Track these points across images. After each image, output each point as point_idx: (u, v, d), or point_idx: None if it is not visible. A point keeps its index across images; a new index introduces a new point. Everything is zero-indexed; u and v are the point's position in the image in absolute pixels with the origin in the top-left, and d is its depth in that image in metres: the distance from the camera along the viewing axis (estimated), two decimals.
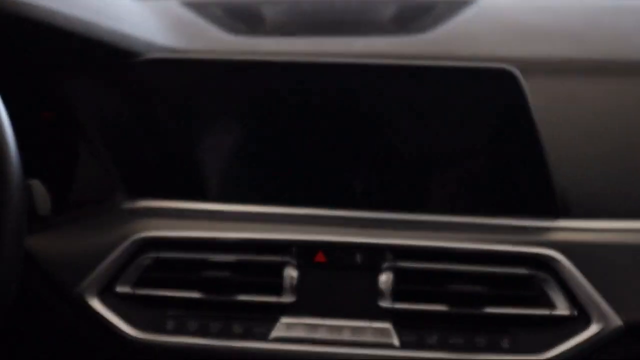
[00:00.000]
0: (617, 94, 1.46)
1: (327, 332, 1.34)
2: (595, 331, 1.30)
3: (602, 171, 1.48)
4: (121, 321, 1.35)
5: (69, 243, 1.40)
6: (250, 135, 1.48)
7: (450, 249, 1.36)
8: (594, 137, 1.48)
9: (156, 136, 1.49)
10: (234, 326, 1.35)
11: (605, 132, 1.48)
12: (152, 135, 1.49)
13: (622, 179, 1.47)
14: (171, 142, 1.48)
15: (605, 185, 1.46)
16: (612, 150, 1.50)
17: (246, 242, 1.38)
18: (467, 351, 1.31)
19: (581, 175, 1.46)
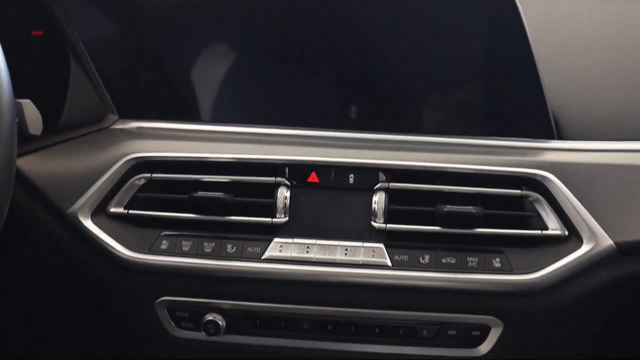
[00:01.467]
0: (613, 14, 1.45)
1: (320, 252, 1.34)
2: (586, 251, 1.31)
3: (595, 93, 1.48)
4: (114, 242, 1.36)
5: (62, 164, 1.39)
6: (242, 56, 1.47)
7: (443, 170, 1.36)
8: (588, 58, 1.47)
9: (147, 56, 1.48)
10: (227, 246, 1.35)
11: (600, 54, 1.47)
12: (143, 56, 1.47)
13: (616, 100, 1.47)
14: (162, 62, 1.47)
15: (599, 107, 1.46)
16: (607, 71, 1.49)
17: (239, 162, 1.37)
18: (459, 271, 1.32)
19: (575, 97, 1.45)
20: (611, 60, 1.50)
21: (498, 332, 1.36)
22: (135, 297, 1.39)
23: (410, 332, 1.37)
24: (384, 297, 1.35)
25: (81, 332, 1.57)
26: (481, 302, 1.34)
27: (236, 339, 1.39)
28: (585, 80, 1.49)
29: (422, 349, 1.38)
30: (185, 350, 1.42)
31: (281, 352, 1.40)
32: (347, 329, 1.38)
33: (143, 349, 1.48)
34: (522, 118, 1.43)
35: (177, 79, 1.49)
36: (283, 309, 1.37)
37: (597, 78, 1.50)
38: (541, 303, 1.33)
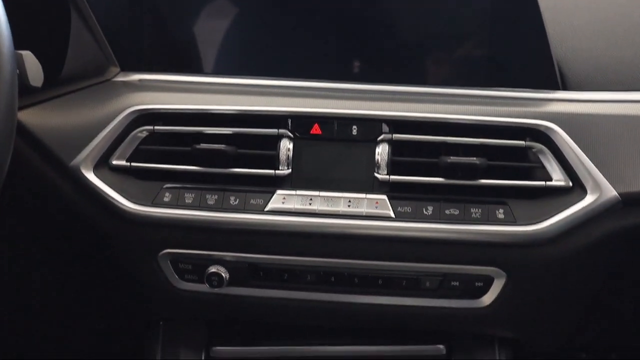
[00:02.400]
0: None
1: (323, 203, 1.34)
2: (589, 202, 1.31)
3: (601, 42, 1.46)
4: (117, 194, 1.35)
5: (63, 117, 1.39)
6: (245, 7, 1.46)
7: (446, 121, 1.35)
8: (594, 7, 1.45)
9: (149, 8, 1.46)
10: (230, 198, 1.35)
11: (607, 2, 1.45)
12: (144, 7, 1.46)
13: (621, 50, 1.46)
14: (164, 14, 1.46)
15: (604, 57, 1.45)
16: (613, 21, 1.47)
17: (242, 114, 1.37)
18: (462, 222, 1.32)
19: (580, 47, 1.44)
20: (618, 9, 1.49)
21: (501, 283, 1.36)
22: (138, 250, 1.40)
23: (413, 283, 1.37)
24: (387, 248, 1.35)
25: (84, 286, 1.58)
26: (484, 254, 1.34)
27: (239, 291, 1.40)
28: (591, 30, 1.48)
29: (425, 300, 1.38)
30: (188, 302, 1.42)
31: (284, 303, 1.40)
32: (350, 281, 1.38)
33: (147, 302, 1.48)
34: (526, 68, 1.42)
35: (179, 30, 1.48)
36: (286, 261, 1.37)
37: (603, 28, 1.48)
38: (544, 254, 1.33)
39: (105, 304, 1.58)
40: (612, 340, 1.78)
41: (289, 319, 1.45)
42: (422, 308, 1.39)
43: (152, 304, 1.47)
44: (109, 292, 1.54)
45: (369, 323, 1.44)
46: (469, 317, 1.39)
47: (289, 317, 1.44)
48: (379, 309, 1.39)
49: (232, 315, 1.45)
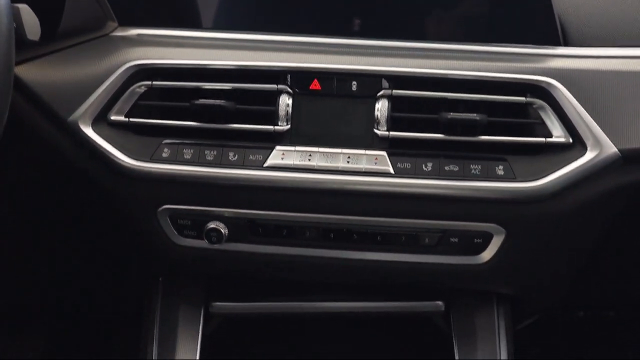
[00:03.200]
0: None
1: (322, 159, 1.34)
2: (590, 158, 1.30)
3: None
4: (116, 150, 1.35)
5: (61, 72, 1.38)
6: None
7: (446, 77, 1.34)
8: None
9: None
10: (229, 154, 1.35)
11: None
12: None
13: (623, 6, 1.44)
14: None
15: (606, 13, 1.43)
16: None
17: (240, 69, 1.36)
18: (462, 178, 1.32)
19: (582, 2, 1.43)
20: None
21: (500, 239, 1.36)
22: (137, 206, 1.39)
23: (412, 239, 1.37)
24: (386, 204, 1.34)
25: (83, 242, 1.58)
26: (483, 210, 1.34)
27: (238, 247, 1.40)
28: None
29: (423, 257, 1.39)
30: (188, 258, 1.42)
31: (283, 259, 1.40)
32: (349, 237, 1.38)
33: (146, 258, 1.48)
34: (528, 24, 1.41)
35: None
36: (285, 217, 1.37)
37: None
38: (544, 210, 1.33)
39: (104, 261, 1.58)
40: (610, 298, 1.79)
41: (288, 275, 1.45)
42: (421, 264, 1.39)
43: (152, 259, 1.47)
44: (108, 248, 1.54)
45: (367, 279, 1.44)
46: (468, 273, 1.39)
47: (288, 273, 1.44)
48: (378, 265, 1.39)
49: (231, 271, 1.46)
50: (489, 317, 1.45)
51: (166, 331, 1.45)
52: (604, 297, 1.74)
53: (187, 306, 1.47)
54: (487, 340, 1.43)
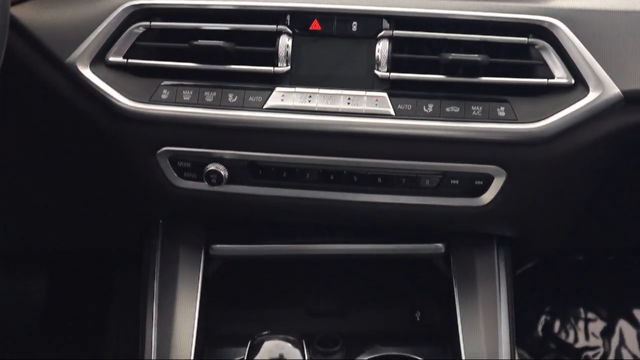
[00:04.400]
0: None
1: (322, 101, 1.33)
2: (592, 99, 1.29)
3: None
4: (114, 91, 1.34)
5: (58, 13, 1.36)
6: None
7: (448, 17, 1.33)
8: None
9: None
10: (229, 96, 1.34)
11: None
12: None
13: None
14: None
15: None
16: None
17: (240, 9, 1.34)
18: (463, 120, 1.31)
19: None
20: None
21: (501, 181, 1.36)
22: (136, 148, 1.39)
23: (412, 181, 1.37)
24: (387, 146, 1.34)
25: (84, 185, 1.58)
26: (484, 152, 1.33)
27: (239, 189, 1.39)
28: None
29: (424, 199, 1.38)
30: (187, 200, 1.42)
31: (283, 202, 1.40)
32: (349, 179, 1.37)
33: (146, 200, 1.48)
34: None
35: None
36: (285, 159, 1.36)
37: None
38: (545, 152, 1.32)
39: (104, 204, 1.58)
40: (610, 242, 1.79)
41: (288, 217, 1.45)
42: (422, 206, 1.39)
43: (152, 202, 1.47)
44: (108, 191, 1.54)
45: (368, 221, 1.44)
46: (468, 215, 1.39)
47: (289, 216, 1.44)
48: (378, 207, 1.39)
49: (231, 213, 1.46)
50: (489, 260, 1.45)
51: (167, 273, 1.45)
52: (604, 240, 1.75)
53: (188, 248, 1.47)
54: (486, 282, 1.44)
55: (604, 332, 2.17)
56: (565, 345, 2.15)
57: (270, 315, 1.54)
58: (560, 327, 2.18)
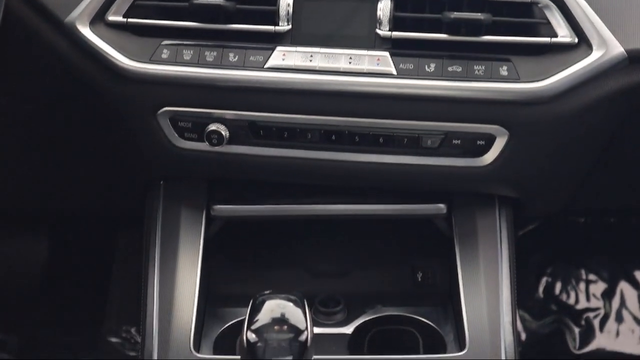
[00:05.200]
0: None
1: (323, 60, 1.32)
2: (595, 58, 1.29)
3: None
4: (114, 51, 1.34)
5: None
6: None
7: None
8: None
9: None
10: (229, 55, 1.33)
11: None
12: None
13: None
14: None
15: None
16: None
17: None
18: (465, 79, 1.30)
19: None
20: None
21: (503, 141, 1.35)
22: (137, 108, 1.39)
23: (414, 141, 1.36)
24: (389, 106, 1.33)
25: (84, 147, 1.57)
26: (487, 111, 1.32)
27: (240, 150, 1.39)
28: None
29: (426, 159, 1.38)
30: (189, 161, 1.42)
31: (285, 162, 1.40)
32: (350, 139, 1.37)
33: (147, 161, 1.48)
34: None
35: None
36: (286, 119, 1.36)
37: None
38: (548, 112, 1.32)
39: (105, 164, 1.58)
40: (612, 202, 1.79)
41: (290, 177, 1.45)
42: (423, 167, 1.38)
43: (153, 163, 1.47)
44: (108, 152, 1.54)
45: (369, 182, 1.44)
46: (470, 175, 1.39)
47: (290, 176, 1.44)
48: (380, 167, 1.39)
49: (232, 174, 1.45)
50: (490, 220, 1.45)
51: (168, 234, 1.45)
52: (606, 201, 1.74)
53: (189, 209, 1.47)
54: (488, 242, 1.43)
55: (605, 293, 2.17)
56: (566, 307, 2.15)
57: (272, 276, 1.54)
58: (562, 289, 2.18)
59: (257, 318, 1.06)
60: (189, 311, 1.37)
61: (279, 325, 1.05)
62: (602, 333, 2.12)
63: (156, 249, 1.43)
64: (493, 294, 1.38)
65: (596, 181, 1.57)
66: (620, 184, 1.65)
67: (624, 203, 1.81)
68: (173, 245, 1.44)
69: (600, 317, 2.14)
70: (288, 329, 1.05)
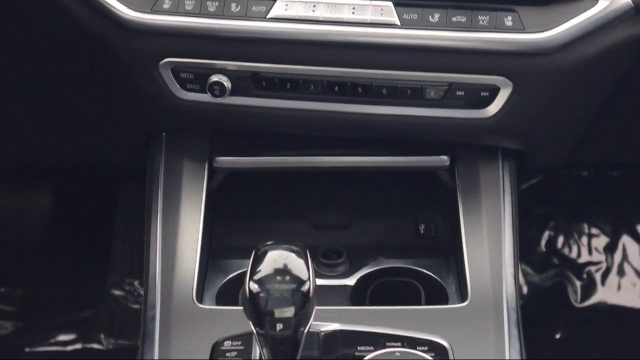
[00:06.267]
0: None
1: (326, 10, 1.31)
2: (601, 9, 1.28)
3: None
4: (115, 0, 1.32)
5: None
6: None
7: None
8: None
9: None
10: (232, 5, 1.32)
11: None
12: None
13: None
14: None
15: None
16: None
17: None
18: (470, 29, 1.29)
19: None
20: None
21: (507, 93, 1.34)
22: (138, 59, 1.37)
23: (417, 93, 1.35)
24: (392, 57, 1.32)
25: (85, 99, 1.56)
26: (491, 62, 1.32)
27: (242, 101, 1.38)
28: None
29: (429, 110, 1.37)
30: (191, 112, 1.41)
31: (287, 113, 1.39)
32: (353, 90, 1.36)
33: (149, 113, 1.47)
34: None
35: None
36: (289, 70, 1.35)
37: None
38: (552, 63, 1.31)
39: (106, 116, 1.57)
40: (616, 155, 1.78)
41: (292, 129, 1.44)
42: (427, 118, 1.38)
43: (155, 114, 1.46)
44: (110, 103, 1.53)
45: (372, 133, 1.43)
46: (474, 127, 1.38)
47: (292, 128, 1.44)
48: (383, 119, 1.38)
49: (235, 125, 1.45)
50: (493, 172, 1.45)
51: (170, 186, 1.45)
52: (610, 154, 1.74)
53: (191, 161, 1.46)
54: (491, 195, 1.43)
55: (607, 247, 2.18)
56: (568, 260, 2.16)
57: (275, 229, 1.54)
58: (564, 243, 2.19)
59: (260, 269, 1.06)
60: (191, 263, 1.37)
61: (281, 276, 1.05)
62: (603, 286, 2.14)
63: (158, 201, 1.43)
64: (495, 246, 1.38)
65: (599, 133, 1.57)
66: (623, 137, 1.64)
67: (627, 156, 1.80)
68: (175, 197, 1.44)
69: (602, 271, 2.15)
70: (290, 280, 1.05)
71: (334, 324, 1.22)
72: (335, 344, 1.19)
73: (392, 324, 1.24)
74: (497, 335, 1.25)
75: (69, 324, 2.05)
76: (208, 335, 1.22)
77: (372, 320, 1.25)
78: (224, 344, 1.20)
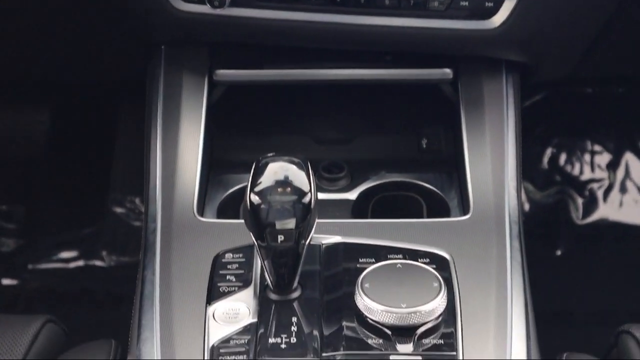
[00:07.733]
0: None
1: None
2: None
3: None
4: None
5: None
6: None
7: None
8: None
9: None
10: None
11: None
12: None
13: None
14: None
15: None
16: None
17: None
18: None
19: None
20: None
21: (512, 3, 1.32)
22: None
23: (421, 3, 1.33)
24: None
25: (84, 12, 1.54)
26: None
27: (242, 12, 1.36)
28: None
29: (433, 22, 1.35)
30: (190, 24, 1.39)
31: (289, 25, 1.37)
32: (356, 1, 1.33)
33: (148, 25, 1.45)
34: None
35: None
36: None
37: None
38: None
39: (105, 29, 1.55)
40: (620, 68, 1.76)
41: (293, 41, 1.42)
42: (430, 29, 1.35)
43: (154, 26, 1.44)
44: (108, 15, 1.51)
45: (375, 46, 1.41)
46: (478, 39, 1.36)
47: (293, 39, 1.41)
48: (386, 30, 1.35)
49: (234, 37, 1.42)
50: (497, 85, 1.43)
51: (170, 100, 1.43)
52: (614, 67, 1.72)
53: (191, 74, 1.44)
54: (494, 108, 1.41)
55: (610, 164, 2.17)
56: (570, 178, 2.16)
57: (276, 143, 1.53)
58: (566, 160, 2.18)
59: (260, 180, 1.05)
60: (192, 177, 1.36)
61: (282, 187, 1.04)
62: (605, 203, 2.13)
63: (158, 115, 1.42)
64: (498, 159, 1.36)
65: (605, 45, 1.54)
66: (629, 50, 1.62)
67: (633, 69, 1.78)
68: (175, 111, 1.42)
69: (604, 188, 2.14)
70: (291, 191, 1.04)
71: (335, 236, 1.22)
72: (336, 257, 1.18)
73: (394, 236, 1.23)
74: (498, 247, 1.25)
75: (71, 242, 2.06)
76: (209, 248, 1.22)
77: (374, 233, 1.24)
78: (225, 256, 1.19)
